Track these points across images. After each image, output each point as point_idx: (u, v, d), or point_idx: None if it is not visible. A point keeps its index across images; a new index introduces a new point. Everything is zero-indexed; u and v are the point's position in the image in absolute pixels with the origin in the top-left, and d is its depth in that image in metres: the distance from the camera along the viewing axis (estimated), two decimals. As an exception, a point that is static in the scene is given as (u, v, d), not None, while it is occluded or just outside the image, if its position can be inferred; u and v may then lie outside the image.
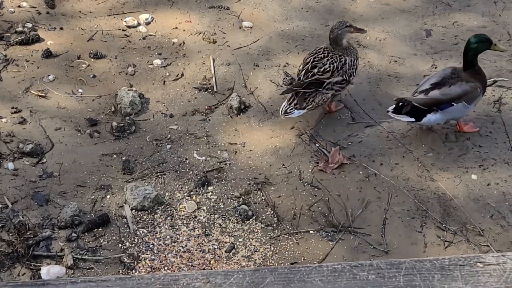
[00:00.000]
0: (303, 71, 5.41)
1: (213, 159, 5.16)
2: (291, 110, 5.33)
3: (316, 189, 4.98)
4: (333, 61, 5.40)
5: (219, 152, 5.23)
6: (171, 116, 5.49)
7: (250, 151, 5.24)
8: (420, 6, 6.74)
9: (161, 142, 5.28)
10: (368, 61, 6.06)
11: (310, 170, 5.11)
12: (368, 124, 5.49)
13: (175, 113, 5.52)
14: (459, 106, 5.21)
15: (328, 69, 5.37)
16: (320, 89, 5.34)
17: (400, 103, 5.17)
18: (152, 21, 6.36)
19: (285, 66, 5.97)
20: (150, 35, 6.22)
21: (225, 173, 5.06)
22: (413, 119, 5.19)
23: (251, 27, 6.37)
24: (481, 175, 5.13)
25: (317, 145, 5.29)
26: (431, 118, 5.20)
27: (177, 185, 4.97)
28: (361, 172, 5.11)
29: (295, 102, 5.34)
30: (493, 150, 5.33)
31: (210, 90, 5.73)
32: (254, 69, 5.94)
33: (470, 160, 5.23)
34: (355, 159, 5.19)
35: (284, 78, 5.81)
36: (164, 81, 5.78)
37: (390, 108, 5.24)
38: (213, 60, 5.98)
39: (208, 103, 5.62)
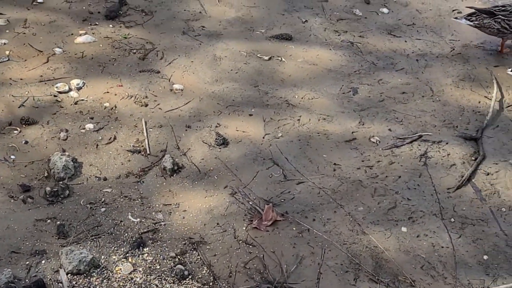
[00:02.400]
0: (494, 5, 7.44)
1: (148, 221, 5.19)
2: (461, 18, 7.31)
3: (250, 246, 5.04)
4: None
5: (153, 213, 5.26)
6: (104, 179, 5.52)
7: (185, 211, 5.29)
8: (346, 65, 6.94)
9: (96, 205, 5.29)
10: (298, 120, 6.19)
11: (244, 228, 5.17)
12: (299, 181, 5.60)
13: (109, 176, 5.54)
14: None
15: (507, 11, 7.09)
16: (491, 19, 7.10)
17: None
18: (83, 86, 6.41)
19: (216, 126, 6.07)
20: (82, 100, 6.27)
21: (160, 234, 5.09)
22: None
23: (182, 90, 6.47)
24: (410, 227, 5.27)
25: (250, 203, 5.37)
26: None
27: (113, 247, 4.97)
28: (294, 228, 5.19)
29: (468, 15, 7.26)
30: (421, 202, 5.48)
31: (143, 153, 5.78)
32: (186, 130, 6.02)
33: (400, 213, 5.37)
34: (288, 216, 5.28)
35: (216, 139, 5.90)
36: (97, 145, 5.81)
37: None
38: (145, 122, 6.05)
39: (142, 165, 5.67)
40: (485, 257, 5.07)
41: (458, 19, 7.31)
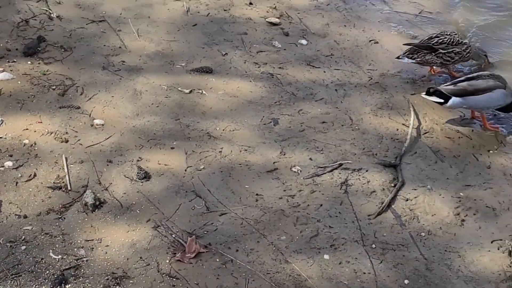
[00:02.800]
0: (428, 37, 7.44)
1: (69, 257, 5.14)
2: (403, 57, 7.37)
3: (174, 279, 5.02)
4: (451, 41, 7.32)
5: (75, 249, 5.21)
6: (25, 217, 5.44)
7: (107, 246, 5.25)
8: (267, 96, 7.01)
9: (16, 243, 5.21)
10: (220, 151, 6.22)
11: (167, 261, 5.16)
12: (222, 212, 5.61)
13: (29, 214, 5.47)
14: (479, 97, 6.56)
15: (444, 43, 7.28)
16: (432, 54, 7.26)
17: (431, 89, 6.66)
18: (1, 123, 6.33)
19: (138, 160, 6.05)
20: (0, 137, 6.18)
21: (82, 270, 5.04)
22: (441, 100, 6.60)
23: (103, 125, 6.45)
24: (333, 254, 5.32)
25: (173, 236, 5.36)
26: (454, 101, 6.56)
27: (34, 286, 4.90)
28: (218, 260, 5.20)
29: (409, 53, 7.33)
30: (343, 230, 5.55)
31: (64, 189, 5.72)
32: (107, 165, 5.99)
33: (322, 241, 5.43)
34: (211, 247, 5.29)
35: (138, 173, 5.88)
36: (17, 183, 5.74)
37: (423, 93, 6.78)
38: (66, 158, 5.99)
39: (63, 201, 5.61)
40: (406, 281, 5.15)
41: (400, 58, 7.42)
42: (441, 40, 7.34)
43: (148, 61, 7.43)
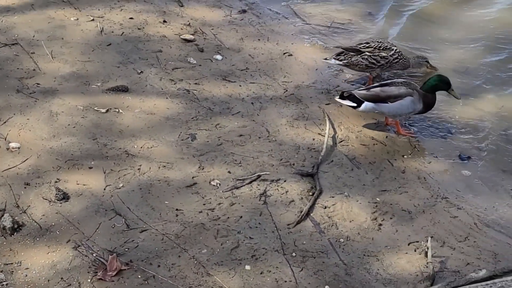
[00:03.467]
0: (358, 42, 7.87)
1: (-11, 282, 5.10)
2: (330, 58, 7.63)
3: (96, 298, 5.03)
4: (379, 46, 7.58)
5: (-6, 274, 5.17)
6: None
7: (27, 269, 5.22)
8: (184, 112, 7.05)
9: None
10: (138, 169, 6.24)
11: (89, 280, 5.15)
12: (143, 229, 5.63)
13: None
14: (391, 105, 6.76)
15: (371, 47, 7.56)
16: (358, 56, 7.51)
17: (345, 93, 6.88)
18: None
19: (56, 182, 6.02)
20: None
21: (2, 294, 5.01)
22: (354, 104, 6.81)
23: (19, 148, 6.39)
24: (254, 265, 5.39)
25: (94, 255, 5.36)
26: (367, 105, 6.78)
27: (-47, 313, 4.86)
28: (139, 276, 5.21)
29: (336, 54, 7.62)
30: (263, 240, 5.62)
31: (-19, 214, 5.68)
32: (25, 188, 5.95)
33: (243, 252, 5.49)
34: (133, 264, 5.30)
35: (56, 194, 5.85)
36: None
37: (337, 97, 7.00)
38: (-18, 183, 5.95)
39: (-20, 226, 5.57)
40: (327, 287, 5.25)
41: (327, 59, 7.67)
42: (369, 45, 7.63)
43: (63, 83, 7.39)
